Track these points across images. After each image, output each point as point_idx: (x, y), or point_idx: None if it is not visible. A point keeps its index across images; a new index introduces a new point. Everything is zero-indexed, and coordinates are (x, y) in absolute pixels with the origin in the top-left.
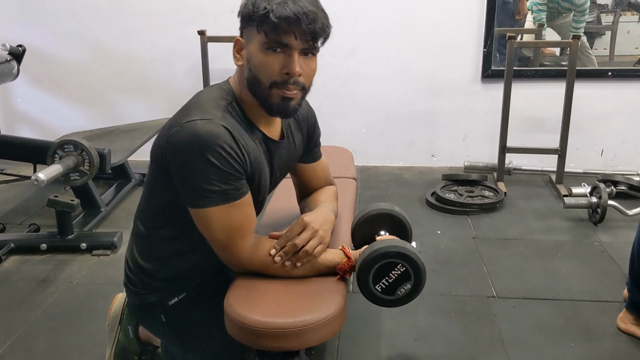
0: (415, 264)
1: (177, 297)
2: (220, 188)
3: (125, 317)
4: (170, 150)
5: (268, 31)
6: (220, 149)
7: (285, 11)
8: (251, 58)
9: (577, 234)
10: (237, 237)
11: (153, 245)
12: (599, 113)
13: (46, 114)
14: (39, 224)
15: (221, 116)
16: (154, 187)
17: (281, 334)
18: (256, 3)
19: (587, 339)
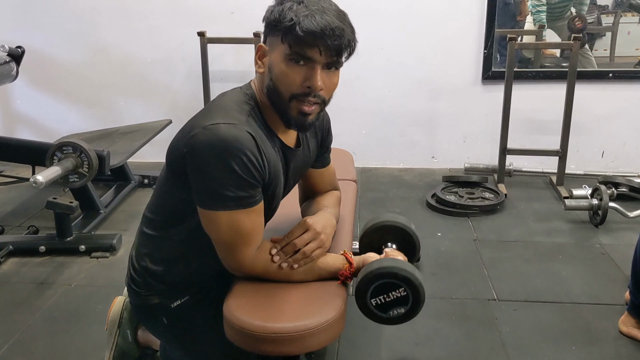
0: (418, 294)
1: (179, 300)
2: (236, 194)
3: (124, 320)
4: (191, 151)
5: (292, 43)
6: (243, 156)
7: (312, 25)
8: (273, 67)
9: (578, 236)
10: (243, 243)
11: (161, 246)
12: (600, 114)
13: (46, 116)
14: (38, 226)
15: (245, 121)
16: (166, 188)
17: (280, 339)
18: (283, 12)
19: (588, 342)
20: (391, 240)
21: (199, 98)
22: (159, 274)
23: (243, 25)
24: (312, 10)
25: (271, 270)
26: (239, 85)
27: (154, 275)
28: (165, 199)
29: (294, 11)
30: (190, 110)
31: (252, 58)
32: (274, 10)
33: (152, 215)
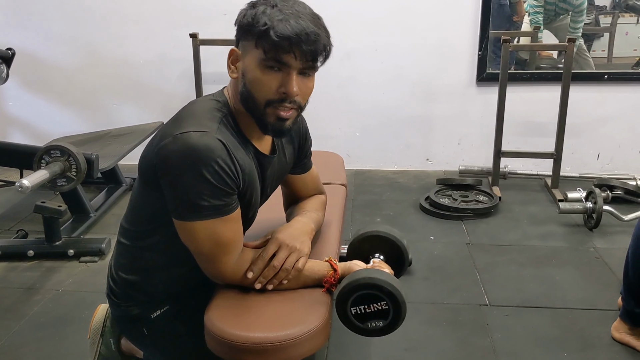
0: (399, 310)
1: (159, 310)
2: (211, 203)
3: (106, 329)
4: (161, 162)
5: (267, 49)
6: (215, 164)
7: (287, 30)
8: (247, 73)
9: (573, 240)
10: (223, 252)
11: (138, 257)
12: (596, 117)
13: (38, 118)
14: (27, 230)
15: (217, 129)
16: (140, 198)
17: (262, 349)
18: (256, 16)
19: (581, 348)
20: (380, 251)
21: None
22: (137, 285)
23: None
24: (286, 15)
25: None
26: None
27: (132, 286)
28: (140, 209)
29: (267, 15)
30: None
31: None
32: (246, 14)
33: (128, 225)
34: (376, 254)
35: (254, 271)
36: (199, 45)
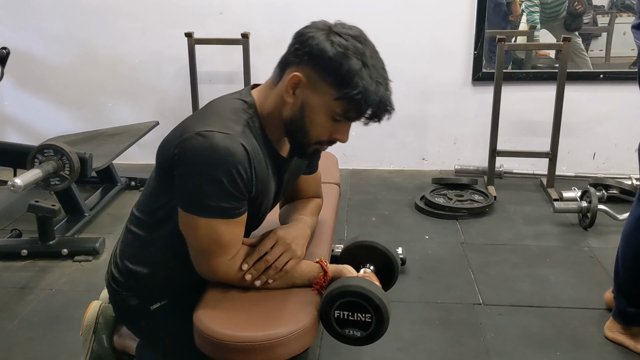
0: (381, 329)
1: (158, 303)
2: (219, 205)
3: (99, 326)
4: (180, 154)
5: (347, 111)
6: (233, 169)
7: (374, 102)
8: (308, 110)
9: (567, 239)
10: (219, 252)
11: (147, 248)
12: (591, 116)
13: (33, 117)
14: (22, 230)
15: (241, 132)
16: (155, 188)
17: (250, 348)
18: (350, 73)
19: (574, 348)
20: (373, 262)
21: (187, 99)
22: (141, 276)
23: (231, 26)
24: (376, 82)
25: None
26: (227, 86)
27: (135, 277)
28: (153, 199)
29: (363, 79)
30: (179, 112)
31: (240, 59)
32: (334, 58)
33: (140, 214)
34: (368, 265)
35: (248, 263)
36: (195, 44)
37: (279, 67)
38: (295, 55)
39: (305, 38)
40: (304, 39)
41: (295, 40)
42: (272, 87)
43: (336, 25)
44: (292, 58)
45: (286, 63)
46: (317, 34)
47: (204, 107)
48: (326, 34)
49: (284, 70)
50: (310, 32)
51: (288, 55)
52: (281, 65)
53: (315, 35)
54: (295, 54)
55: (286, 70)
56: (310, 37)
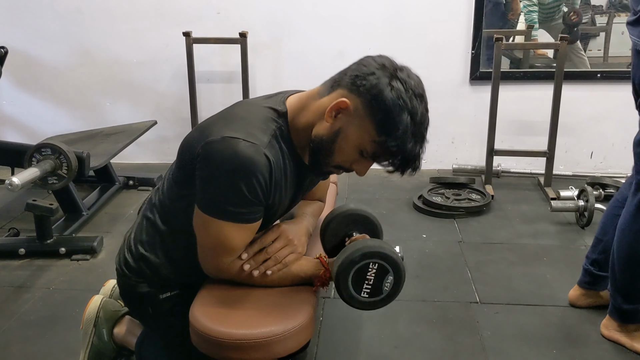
0: (391, 258)
1: (169, 293)
2: (235, 210)
3: (99, 320)
4: (204, 157)
5: (380, 154)
6: (254, 178)
7: (408, 158)
8: (342, 138)
9: (564, 238)
10: (225, 253)
11: (162, 236)
12: (589, 115)
13: (31, 117)
14: (19, 229)
15: (267, 143)
16: (175, 181)
17: (245, 346)
18: (397, 124)
19: (570, 346)
20: (355, 229)
21: (184, 99)
22: (154, 264)
23: (229, 26)
24: (415, 141)
25: (245, 276)
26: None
27: (149, 264)
28: (173, 190)
29: (405, 134)
30: (177, 111)
31: (238, 58)
32: (388, 106)
33: (158, 202)
34: (352, 233)
35: (248, 252)
36: (192, 43)
37: (331, 83)
38: (352, 82)
39: (368, 71)
40: (367, 72)
41: (358, 66)
42: (315, 98)
43: (402, 70)
44: (347, 82)
45: (339, 83)
46: (381, 73)
47: (233, 107)
48: (390, 77)
49: (334, 89)
50: (375, 68)
51: (344, 77)
52: (333, 82)
53: (379, 74)
54: (353, 80)
55: (336, 90)
56: (373, 73)
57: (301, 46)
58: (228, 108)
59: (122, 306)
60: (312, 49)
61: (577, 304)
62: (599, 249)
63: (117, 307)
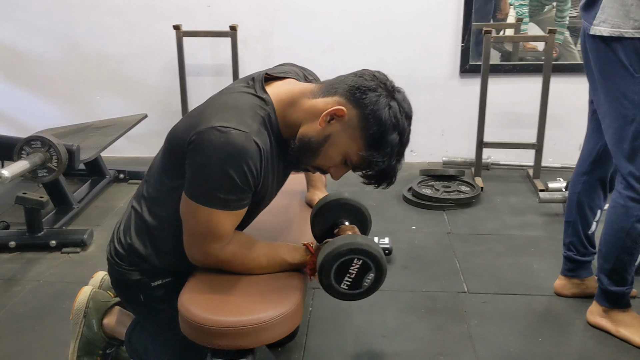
0: (374, 256)
1: (161, 280)
2: (225, 197)
3: (89, 310)
4: (196, 146)
5: (361, 167)
6: (245, 165)
7: (386, 174)
8: (331, 143)
9: (552, 229)
10: (214, 240)
11: (152, 228)
12: (577, 107)
13: (19, 111)
14: (10, 222)
15: (257, 130)
16: (163, 172)
17: (233, 332)
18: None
19: (556, 334)
20: (345, 217)
21: (175, 92)
22: (144, 254)
23: (219, 18)
24: (399, 157)
25: (235, 263)
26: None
27: (138, 254)
28: (160, 180)
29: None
30: (167, 105)
31: (228, 51)
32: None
33: (146, 193)
34: (344, 221)
35: None
36: (182, 37)
37: (327, 87)
38: (352, 92)
39: (370, 86)
40: (368, 87)
41: (358, 79)
42: (308, 96)
43: (399, 92)
44: (345, 91)
45: (337, 90)
46: (382, 92)
47: (219, 95)
48: (388, 98)
49: (330, 94)
50: (377, 87)
51: (343, 85)
52: (331, 87)
53: (380, 92)
54: (352, 92)
55: (334, 96)
56: (374, 90)
57: (291, 39)
58: (214, 96)
59: (111, 297)
60: (303, 42)
61: (562, 293)
62: (570, 231)
63: (107, 298)
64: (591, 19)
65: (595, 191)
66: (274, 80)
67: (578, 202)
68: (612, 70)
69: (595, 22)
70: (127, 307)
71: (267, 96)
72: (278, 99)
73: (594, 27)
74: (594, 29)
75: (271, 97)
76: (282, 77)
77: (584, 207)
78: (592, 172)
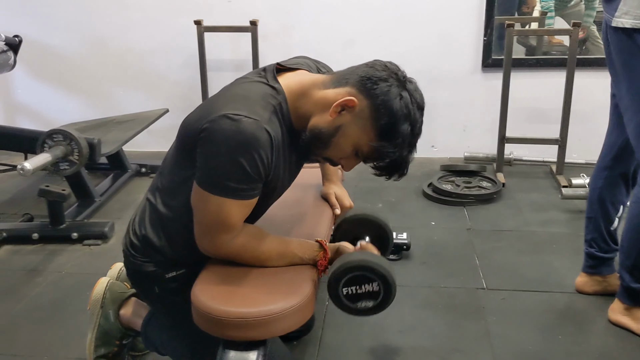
0: (390, 293)
1: (175, 272)
2: (236, 186)
3: (106, 301)
4: (206, 135)
5: (372, 157)
6: (255, 154)
7: (400, 165)
8: (341, 134)
9: (574, 226)
10: (224, 230)
11: (166, 220)
12: (602, 103)
13: (45, 105)
14: (33, 214)
15: (268, 118)
16: (175, 163)
17: (244, 324)
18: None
19: (576, 332)
20: (367, 233)
21: (196, 87)
22: (159, 245)
23: (240, 13)
24: (411, 148)
25: (245, 255)
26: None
27: (153, 246)
28: (173, 172)
29: (403, 142)
30: (188, 100)
31: (249, 46)
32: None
33: (160, 185)
34: (363, 237)
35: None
36: (204, 32)
37: (338, 78)
38: (363, 83)
39: (381, 77)
40: (379, 77)
41: (369, 69)
42: (319, 87)
43: (411, 82)
44: (356, 81)
45: (348, 81)
46: (394, 82)
47: (229, 87)
48: (400, 88)
49: (342, 85)
50: (388, 75)
51: (354, 75)
52: (341, 78)
53: (391, 82)
54: (364, 82)
55: (344, 87)
56: (385, 80)
57: (311, 34)
58: (226, 87)
59: (128, 288)
60: (322, 36)
61: (583, 291)
62: (591, 227)
63: (123, 289)
64: (613, 11)
65: (618, 186)
66: (286, 71)
67: (599, 198)
68: (634, 62)
69: (617, 13)
70: (142, 299)
71: (279, 86)
72: (289, 89)
73: (615, 19)
74: (616, 20)
75: (284, 88)
76: (293, 68)
77: (605, 203)
78: (614, 167)
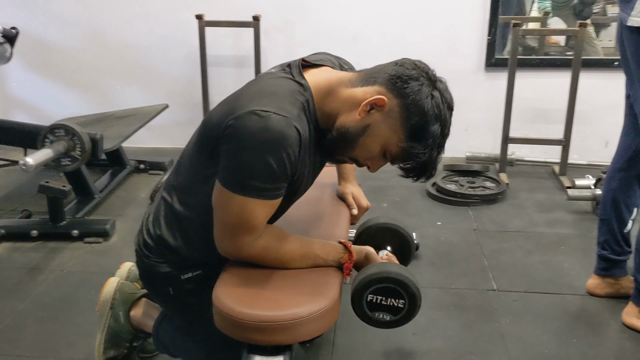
0: (411, 315)
1: (191, 273)
2: (261, 185)
3: (116, 302)
4: (233, 131)
5: (401, 158)
6: (284, 153)
7: (427, 169)
8: (369, 134)
9: (582, 227)
10: (247, 231)
11: (183, 219)
12: (604, 104)
13: (42, 99)
14: (32, 211)
15: (297, 116)
16: (196, 160)
17: (269, 328)
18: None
19: (590, 335)
20: (388, 243)
21: (196, 83)
22: (174, 247)
23: (242, 8)
24: (440, 149)
25: (267, 257)
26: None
27: (168, 246)
28: (192, 171)
29: (433, 143)
30: (188, 95)
31: (251, 41)
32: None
33: (177, 184)
34: (387, 247)
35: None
36: (205, 26)
37: (366, 76)
38: (393, 81)
39: (411, 75)
40: (410, 75)
41: (399, 67)
42: (346, 85)
43: (441, 82)
44: (386, 80)
45: (376, 79)
46: (424, 81)
47: (254, 82)
48: (430, 88)
49: (370, 83)
50: (419, 76)
51: (383, 74)
52: (370, 76)
53: (422, 82)
54: (394, 80)
55: (374, 85)
56: (416, 79)
57: (314, 30)
58: (250, 82)
59: (138, 289)
60: (326, 33)
61: (595, 293)
62: (604, 229)
63: (134, 290)
64: (629, 10)
65: (632, 188)
66: (310, 67)
67: (613, 200)
68: None
69: (633, 12)
70: (154, 300)
71: (306, 82)
72: (316, 86)
73: (631, 19)
74: (632, 20)
75: (310, 84)
76: (318, 64)
77: (619, 205)
78: (629, 169)
